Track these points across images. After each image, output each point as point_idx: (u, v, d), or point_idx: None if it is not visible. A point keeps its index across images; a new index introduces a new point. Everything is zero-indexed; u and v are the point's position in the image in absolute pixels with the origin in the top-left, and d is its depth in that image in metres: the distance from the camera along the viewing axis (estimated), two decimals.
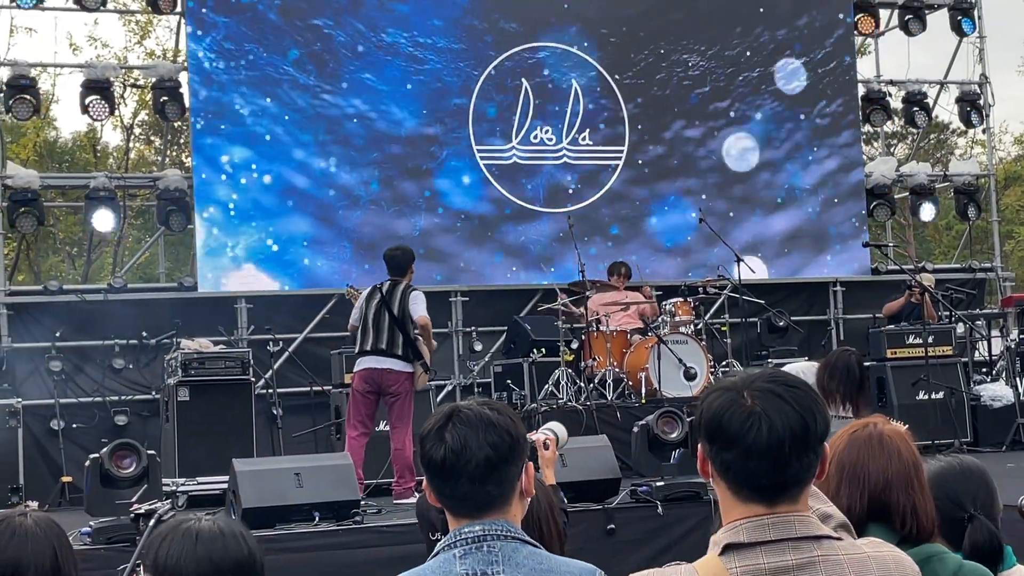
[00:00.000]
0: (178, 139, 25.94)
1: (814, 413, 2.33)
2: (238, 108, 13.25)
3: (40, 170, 16.64)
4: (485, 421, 2.59)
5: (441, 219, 13.88)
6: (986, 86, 16.46)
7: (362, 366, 9.86)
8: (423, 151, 13.87)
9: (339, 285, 12.37)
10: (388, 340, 9.81)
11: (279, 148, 13.36)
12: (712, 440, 2.36)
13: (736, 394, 2.34)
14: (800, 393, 2.34)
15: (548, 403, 11.60)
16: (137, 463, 8.16)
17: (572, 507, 8.45)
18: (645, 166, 14.65)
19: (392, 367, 9.79)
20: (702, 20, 15.03)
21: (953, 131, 33.19)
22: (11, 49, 24.82)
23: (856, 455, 3.14)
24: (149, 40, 28.00)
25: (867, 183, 15.69)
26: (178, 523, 2.87)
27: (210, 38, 13.22)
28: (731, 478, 2.34)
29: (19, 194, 12.64)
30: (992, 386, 13.18)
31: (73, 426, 12.22)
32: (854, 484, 3.11)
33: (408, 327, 9.84)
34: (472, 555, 2.53)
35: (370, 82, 13.74)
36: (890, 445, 3.13)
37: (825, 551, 2.31)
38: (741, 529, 2.31)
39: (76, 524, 7.79)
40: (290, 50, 13.48)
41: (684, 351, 12.02)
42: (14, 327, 12.54)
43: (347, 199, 13.56)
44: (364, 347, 9.87)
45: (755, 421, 2.30)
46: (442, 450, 2.56)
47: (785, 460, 2.30)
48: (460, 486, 2.56)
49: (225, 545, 2.83)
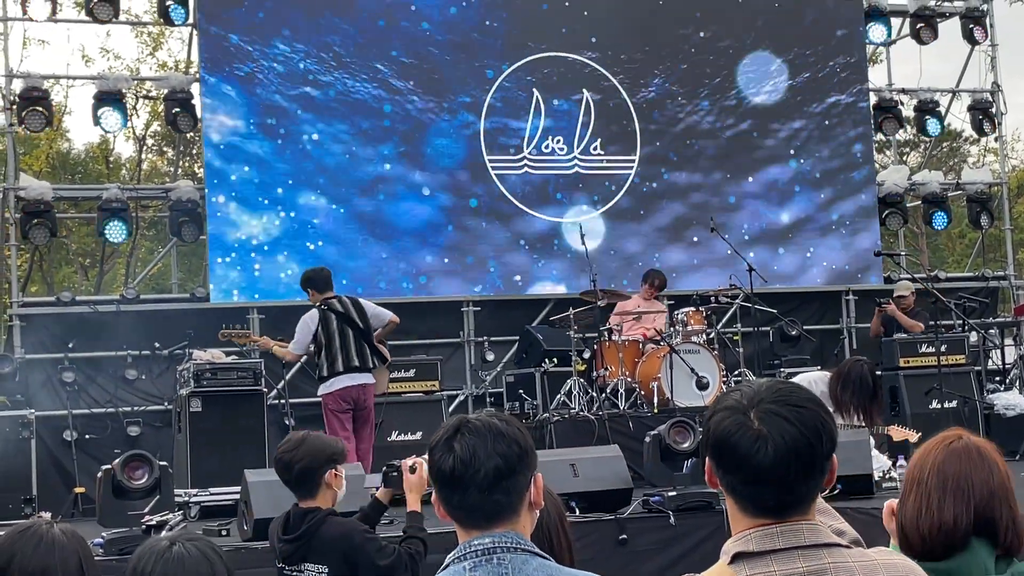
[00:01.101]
0: (190, 150, 25.99)
1: (820, 434, 2.31)
2: (251, 105, 13.27)
3: (53, 181, 16.67)
4: (494, 431, 2.59)
5: (453, 231, 13.88)
6: (998, 94, 16.43)
7: (341, 385, 10.04)
8: (437, 157, 13.87)
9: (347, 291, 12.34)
10: (359, 356, 10.06)
11: (291, 160, 13.39)
12: (718, 461, 2.36)
13: (743, 416, 2.32)
14: (806, 413, 2.32)
15: (560, 413, 11.59)
16: (149, 474, 8.17)
17: (584, 517, 8.45)
18: (656, 178, 14.64)
19: (367, 382, 10.13)
20: (714, 36, 15.01)
21: (965, 139, 33.07)
22: (24, 61, 24.93)
23: (959, 467, 3.06)
24: (161, 52, 28.10)
25: (880, 191, 15.66)
26: (159, 549, 2.86)
27: (221, 51, 13.27)
28: (737, 498, 2.35)
29: (32, 206, 12.69)
30: (1005, 395, 13.15)
31: (86, 437, 12.25)
32: (959, 497, 3.02)
33: (371, 337, 10.11)
34: (482, 567, 2.52)
35: (380, 97, 13.74)
36: (988, 457, 3.08)
37: (835, 559, 2.30)
38: (751, 538, 2.31)
39: (89, 535, 7.74)
40: (302, 65, 13.50)
41: (696, 361, 12.00)
42: (27, 338, 12.57)
43: (362, 198, 13.58)
44: (337, 368, 10.04)
45: (761, 445, 2.28)
46: (451, 460, 2.56)
47: (790, 483, 2.29)
48: (469, 496, 2.56)
49: (213, 569, 2.86)
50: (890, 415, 12.23)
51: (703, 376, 11.93)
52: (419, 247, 13.76)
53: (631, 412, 11.64)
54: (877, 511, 7.18)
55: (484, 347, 13.77)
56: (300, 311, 13.10)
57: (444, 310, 13.83)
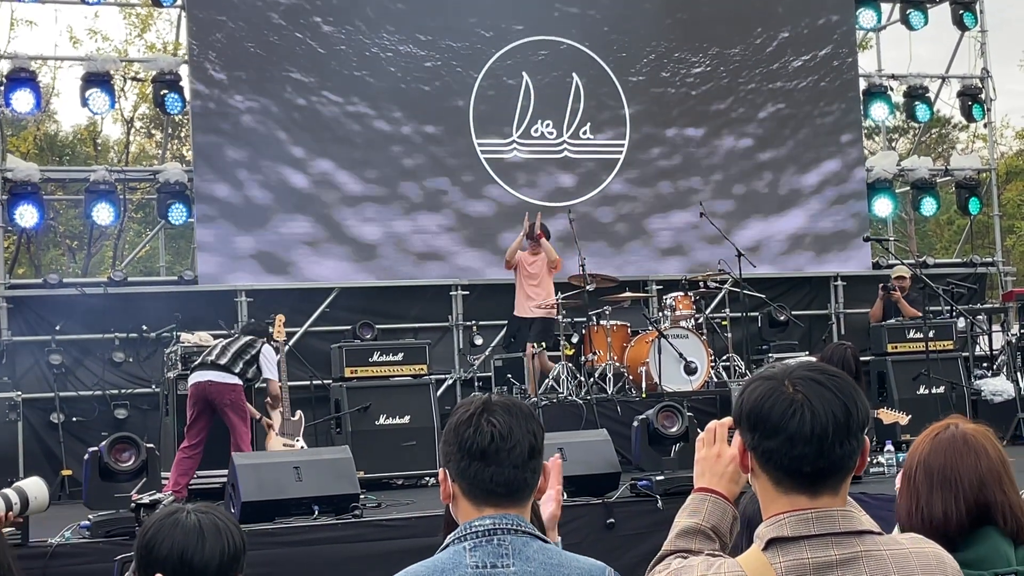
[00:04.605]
0: (178, 132, 25.93)
1: (855, 400, 2.34)
2: (237, 106, 13.23)
3: (40, 163, 16.60)
4: (524, 411, 2.66)
5: (442, 216, 13.86)
6: (987, 80, 16.44)
7: (191, 381, 10.29)
8: (423, 148, 13.85)
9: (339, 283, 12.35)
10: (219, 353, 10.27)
11: (278, 147, 13.35)
12: (754, 429, 2.36)
13: (777, 383, 2.35)
14: (840, 381, 2.35)
15: (548, 397, 11.60)
16: (136, 456, 8.17)
17: (572, 501, 8.46)
18: (646, 163, 14.63)
19: (214, 379, 10.17)
20: (704, 19, 14.99)
21: (954, 126, 33.13)
22: (11, 42, 24.84)
23: (944, 458, 3.06)
24: (149, 33, 28.00)
25: (868, 177, 15.67)
26: (173, 517, 2.88)
27: (210, 37, 13.21)
28: (774, 467, 2.34)
29: (19, 187, 12.63)
30: (993, 381, 13.19)
31: (73, 419, 12.23)
32: (947, 489, 3.02)
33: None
34: (482, 548, 2.53)
35: (370, 80, 13.71)
36: (976, 443, 3.08)
37: (868, 546, 2.31)
38: (785, 523, 2.31)
39: (75, 517, 7.79)
40: (291, 48, 13.45)
41: (685, 345, 12.03)
42: (14, 320, 12.53)
43: (347, 198, 13.55)
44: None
45: (798, 408, 2.30)
46: (489, 434, 2.58)
47: (829, 446, 2.30)
48: (503, 470, 2.58)
49: (232, 536, 2.89)
50: (877, 400, 12.28)
51: (691, 361, 11.95)
52: (409, 231, 13.72)
53: (619, 397, 11.66)
54: (865, 495, 7.20)
55: (472, 331, 13.76)
56: (288, 295, 13.15)
57: (432, 294, 13.82)
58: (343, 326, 12.83)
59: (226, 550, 2.86)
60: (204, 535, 2.84)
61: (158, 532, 2.86)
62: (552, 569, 2.55)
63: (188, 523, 2.86)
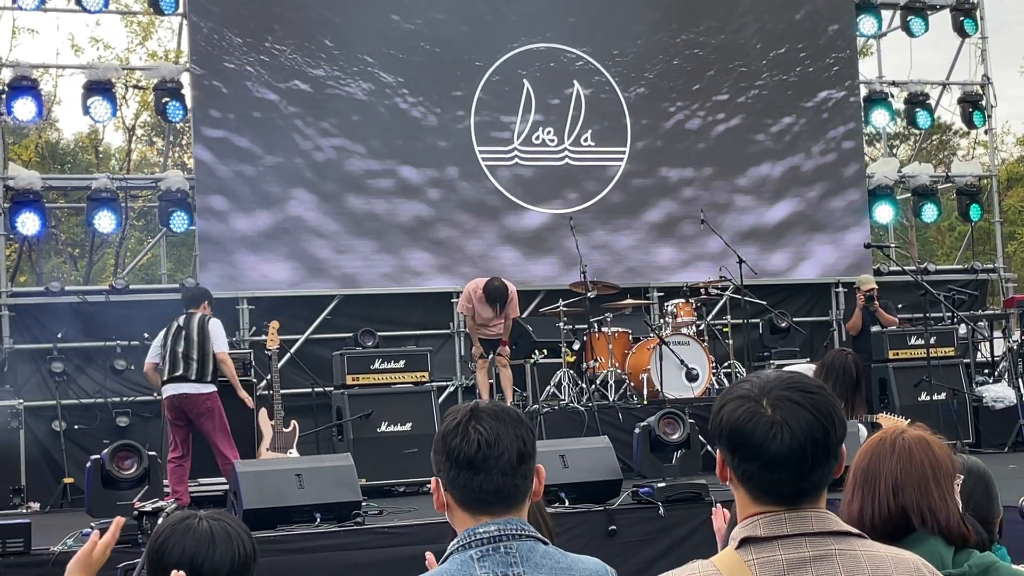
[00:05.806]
0: (180, 140, 25.95)
1: (833, 418, 2.32)
2: (242, 100, 13.23)
3: (42, 171, 16.63)
4: (512, 417, 2.62)
5: (443, 221, 13.87)
6: (988, 87, 16.45)
7: (166, 393, 10.30)
8: (427, 151, 13.86)
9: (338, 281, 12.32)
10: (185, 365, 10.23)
11: (282, 141, 13.35)
12: (733, 451, 2.34)
13: (755, 403, 2.32)
14: (818, 398, 2.33)
15: (550, 404, 11.61)
16: (138, 464, 8.18)
17: (573, 508, 8.47)
18: (647, 170, 14.63)
19: (188, 391, 10.21)
20: (706, 26, 14.99)
21: (955, 132, 33.17)
22: (13, 50, 24.89)
23: (869, 460, 3.16)
24: (151, 41, 28.02)
25: (869, 184, 15.68)
26: (185, 523, 2.90)
27: (211, 26, 13.23)
28: (753, 486, 2.34)
29: (21, 195, 12.64)
30: (994, 387, 13.18)
31: (75, 427, 12.22)
32: (867, 488, 3.13)
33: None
34: (490, 556, 2.51)
35: (373, 79, 13.72)
36: (902, 447, 3.13)
37: (842, 546, 2.31)
38: (759, 524, 2.32)
39: (78, 525, 7.80)
40: (293, 39, 13.47)
41: (686, 352, 12.02)
42: (16, 328, 12.54)
43: (352, 191, 13.55)
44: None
45: (777, 432, 2.29)
46: (476, 442, 2.56)
47: (808, 469, 2.30)
48: (492, 478, 2.55)
49: (243, 543, 2.90)
50: (879, 407, 12.27)
51: (693, 368, 11.95)
52: (409, 241, 13.73)
53: (621, 403, 11.67)
54: None
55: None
56: (290, 302, 13.16)
57: (434, 301, 13.83)
58: (344, 333, 12.84)
59: (236, 557, 2.87)
60: (215, 541, 2.86)
61: (170, 537, 2.88)
62: (561, 573, 2.55)
63: (200, 529, 2.88)
